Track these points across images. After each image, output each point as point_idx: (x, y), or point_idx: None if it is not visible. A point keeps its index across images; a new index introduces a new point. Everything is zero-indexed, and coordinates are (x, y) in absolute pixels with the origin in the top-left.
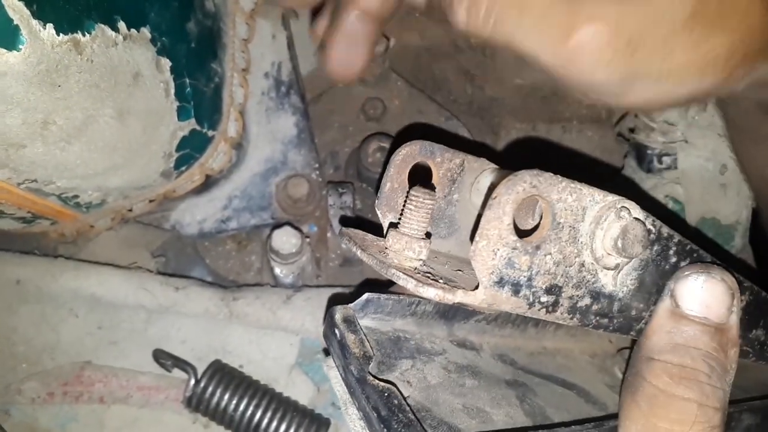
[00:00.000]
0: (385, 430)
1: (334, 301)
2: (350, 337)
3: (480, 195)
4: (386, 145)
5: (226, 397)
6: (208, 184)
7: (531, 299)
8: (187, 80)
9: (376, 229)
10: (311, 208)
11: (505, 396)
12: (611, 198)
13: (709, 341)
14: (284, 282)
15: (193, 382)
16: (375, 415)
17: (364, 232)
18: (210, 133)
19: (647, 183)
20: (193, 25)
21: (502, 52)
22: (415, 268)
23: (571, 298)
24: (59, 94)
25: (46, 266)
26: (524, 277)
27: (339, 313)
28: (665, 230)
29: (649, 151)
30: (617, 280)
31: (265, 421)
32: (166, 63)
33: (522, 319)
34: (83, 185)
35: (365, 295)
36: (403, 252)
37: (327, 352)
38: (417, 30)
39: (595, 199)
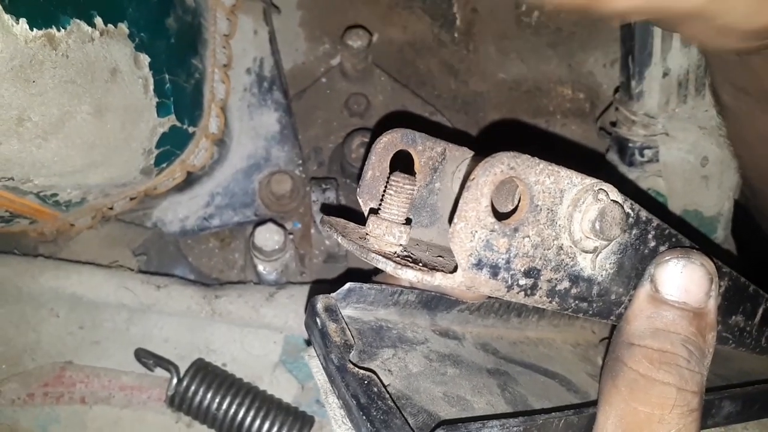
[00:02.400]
0: (364, 417)
1: (316, 291)
2: (331, 326)
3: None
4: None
5: (209, 395)
6: (190, 181)
7: (509, 282)
8: (167, 76)
9: (359, 219)
10: (295, 205)
11: (487, 384)
12: (589, 181)
13: (687, 326)
14: (267, 279)
15: (175, 381)
16: (354, 402)
17: (345, 221)
18: (191, 129)
19: (629, 176)
20: (172, 20)
21: (485, 46)
22: (395, 253)
23: (549, 281)
24: (34, 89)
25: (25, 266)
26: (502, 259)
27: (320, 302)
28: (644, 214)
29: (630, 145)
30: (596, 264)
31: (249, 419)
32: (144, 59)
33: (505, 309)
34: (62, 183)
35: (347, 285)
36: (383, 237)
37: (309, 342)
38: (400, 24)
39: (573, 182)
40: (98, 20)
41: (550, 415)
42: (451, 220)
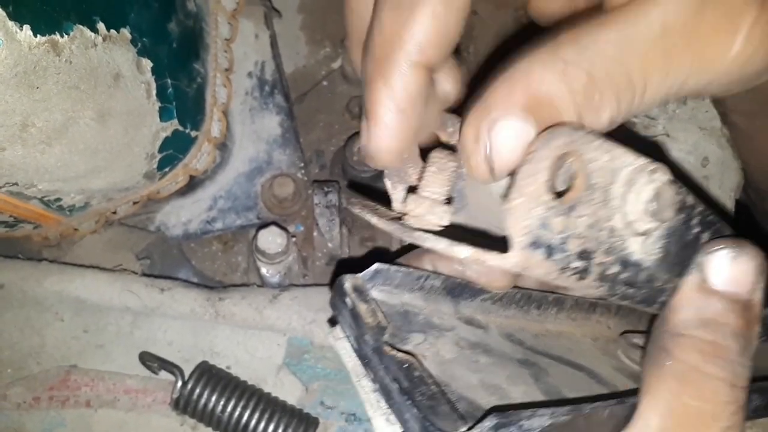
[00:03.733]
0: (409, 402)
1: (342, 268)
2: (362, 307)
3: None
4: None
5: (214, 398)
6: (193, 185)
7: (563, 264)
8: (169, 81)
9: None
10: (297, 208)
11: (520, 374)
12: (643, 160)
13: (737, 318)
14: (271, 282)
15: (180, 383)
16: (396, 386)
17: (374, 202)
18: (193, 133)
19: None
20: (174, 25)
21: (485, 48)
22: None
23: (601, 264)
24: (38, 95)
25: (30, 270)
26: (557, 240)
27: (349, 281)
28: (690, 198)
29: None
30: (645, 248)
31: (254, 421)
32: (147, 64)
33: (525, 300)
34: (65, 188)
35: (375, 265)
36: (424, 216)
37: (332, 323)
38: None
39: (627, 161)
40: (101, 26)
41: (596, 405)
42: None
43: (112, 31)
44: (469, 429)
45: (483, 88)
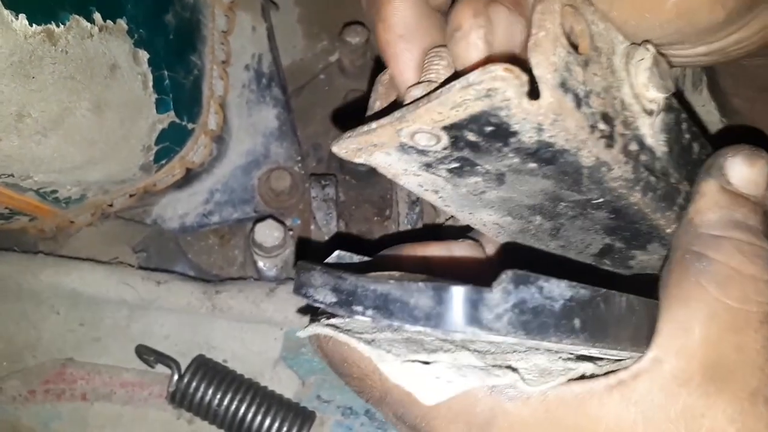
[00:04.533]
0: (412, 285)
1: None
2: (331, 266)
3: None
4: None
5: (210, 392)
6: (189, 177)
7: (591, 120)
8: (166, 72)
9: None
10: (294, 201)
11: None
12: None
13: (762, 220)
14: (268, 275)
15: (176, 377)
16: (391, 285)
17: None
18: (190, 125)
19: None
20: (171, 17)
21: None
22: None
23: (622, 136)
24: (33, 86)
25: (25, 263)
26: (582, 91)
27: (306, 262)
28: (674, 101)
29: None
30: (653, 134)
31: (250, 415)
32: (143, 55)
33: None
34: (61, 180)
35: (336, 252)
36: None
37: (304, 312)
38: None
39: (619, 38)
40: (97, 16)
41: (612, 292)
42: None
43: (109, 21)
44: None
45: None
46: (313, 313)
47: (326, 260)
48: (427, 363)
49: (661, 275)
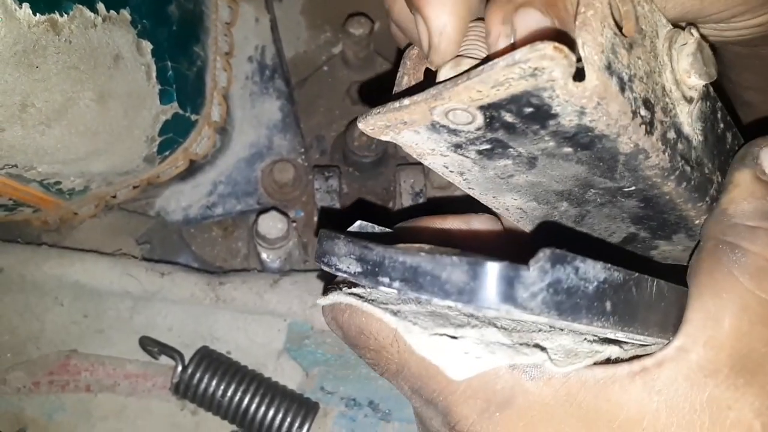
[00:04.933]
0: (445, 258)
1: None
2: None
3: None
4: None
5: (214, 383)
6: (193, 169)
7: (633, 106)
8: (169, 63)
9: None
10: (297, 193)
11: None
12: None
13: None
14: (271, 267)
15: (180, 368)
16: (422, 258)
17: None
18: (193, 117)
19: None
20: (174, 7)
21: None
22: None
23: (662, 123)
24: (37, 75)
25: (29, 254)
26: (626, 75)
27: (329, 230)
28: (711, 89)
29: None
30: (691, 123)
31: (254, 406)
32: (147, 46)
33: None
34: (65, 171)
35: (358, 222)
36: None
37: (325, 285)
38: None
39: (662, 21)
40: (100, 6)
41: (644, 276)
42: None
43: (112, 11)
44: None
45: None
46: (328, 282)
47: (348, 229)
48: (454, 338)
49: (690, 264)
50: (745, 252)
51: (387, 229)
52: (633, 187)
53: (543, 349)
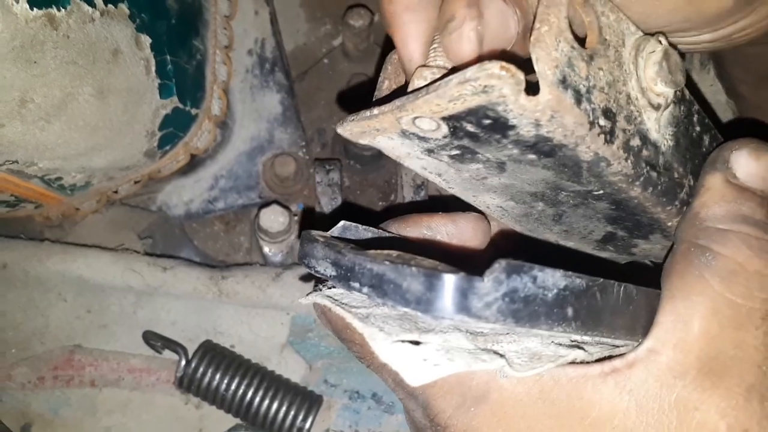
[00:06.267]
0: (405, 267)
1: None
2: (334, 239)
3: None
4: None
5: (218, 376)
6: (194, 164)
7: (591, 117)
8: (168, 57)
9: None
10: (299, 186)
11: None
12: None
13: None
14: (273, 261)
15: (183, 362)
16: (387, 265)
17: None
18: (193, 111)
19: None
20: (173, 1)
21: None
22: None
23: (624, 131)
24: (36, 70)
25: (32, 250)
26: (583, 86)
27: (315, 233)
28: (687, 92)
29: None
30: (659, 128)
31: (257, 399)
32: (146, 40)
33: None
34: (66, 166)
35: (341, 222)
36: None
37: (308, 280)
38: None
39: (630, 29)
40: (98, 0)
41: (610, 282)
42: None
43: (110, 5)
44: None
45: None
46: (318, 280)
47: (331, 230)
48: (417, 343)
49: (663, 266)
50: (715, 255)
51: (372, 228)
52: (601, 191)
53: (502, 355)
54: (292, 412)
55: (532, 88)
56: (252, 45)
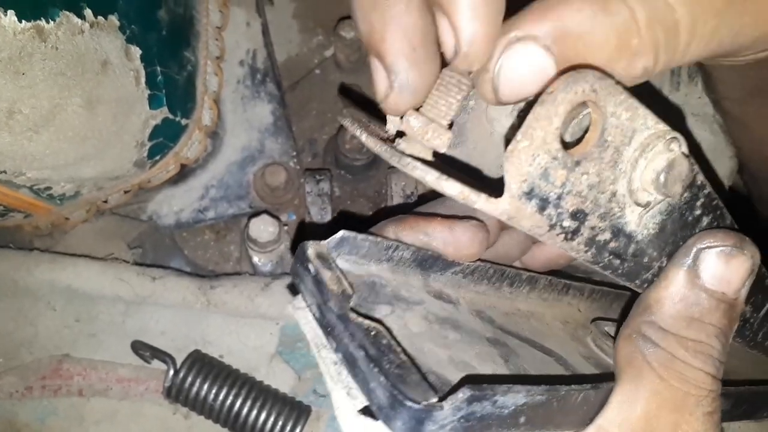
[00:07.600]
0: (376, 369)
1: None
2: (326, 274)
3: (497, 108)
4: None
5: (206, 386)
6: (184, 173)
7: (554, 221)
8: (159, 68)
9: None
10: (289, 197)
11: (489, 354)
12: (663, 127)
13: (722, 318)
14: (263, 270)
15: (172, 372)
16: (362, 354)
17: (369, 117)
18: (183, 121)
19: None
20: (164, 12)
21: None
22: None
23: (593, 228)
24: (23, 82)
25: (21, 259)
26: (555, 194)
27: (312, 248)
28: (700, 177)
29: None
30: (642, 221)
31: (246, 410)
32: (135, 51)
33: (498, 277)
34: (55, 176)
35: (340, 233)
36: (422, 138)
37: (294, 291)
38: None
39: (647, 124)
40: (88, 12)
41: (571, 387)
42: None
43: (100, 17)
44: (441, 400)
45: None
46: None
47: (328, 240)
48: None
49: (614, 347)
50: (657, 347)
51: (370, 237)
52: None
53: None
54: (281, 423)
55: (500, 190)
56: (243, 56)
